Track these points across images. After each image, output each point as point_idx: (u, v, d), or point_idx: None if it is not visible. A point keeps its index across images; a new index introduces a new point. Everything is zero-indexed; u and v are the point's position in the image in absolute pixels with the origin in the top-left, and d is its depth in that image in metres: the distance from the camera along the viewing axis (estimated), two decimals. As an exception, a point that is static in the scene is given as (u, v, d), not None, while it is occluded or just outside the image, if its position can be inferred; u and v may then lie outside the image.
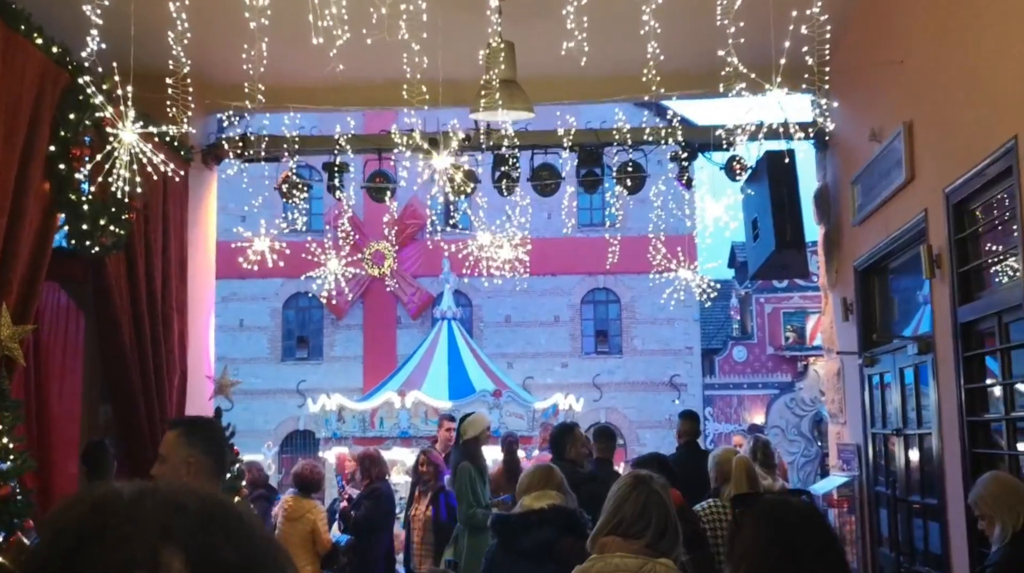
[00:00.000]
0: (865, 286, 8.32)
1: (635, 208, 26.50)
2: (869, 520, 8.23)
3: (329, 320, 26.19)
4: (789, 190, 8.81)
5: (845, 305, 8.58)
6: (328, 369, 25.72)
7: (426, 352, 21.40)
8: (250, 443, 24.70)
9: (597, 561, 3.33)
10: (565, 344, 26.20)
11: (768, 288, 26.23)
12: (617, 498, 3.45)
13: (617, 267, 26.29)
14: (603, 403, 25.73)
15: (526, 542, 4.77)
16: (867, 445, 8.25)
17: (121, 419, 7.91)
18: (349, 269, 18.41)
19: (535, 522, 4.81)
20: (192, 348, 8.92)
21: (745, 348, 26.21)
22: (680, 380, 26.03)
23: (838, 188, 8.94)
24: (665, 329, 26.21)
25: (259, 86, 6.59)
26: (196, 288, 9.14)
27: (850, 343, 8.51)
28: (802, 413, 25.47)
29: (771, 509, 3.08)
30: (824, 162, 9.33)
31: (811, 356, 25.68)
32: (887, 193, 7.30)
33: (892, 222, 7.30)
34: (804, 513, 3.01)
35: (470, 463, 8.42)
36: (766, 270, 9.26)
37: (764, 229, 9.02)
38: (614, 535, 3.35)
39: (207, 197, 9.64)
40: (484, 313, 26.34)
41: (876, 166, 7.59)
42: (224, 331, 25.87)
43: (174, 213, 8.61)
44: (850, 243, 8.58)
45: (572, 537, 4.58)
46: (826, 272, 9.33)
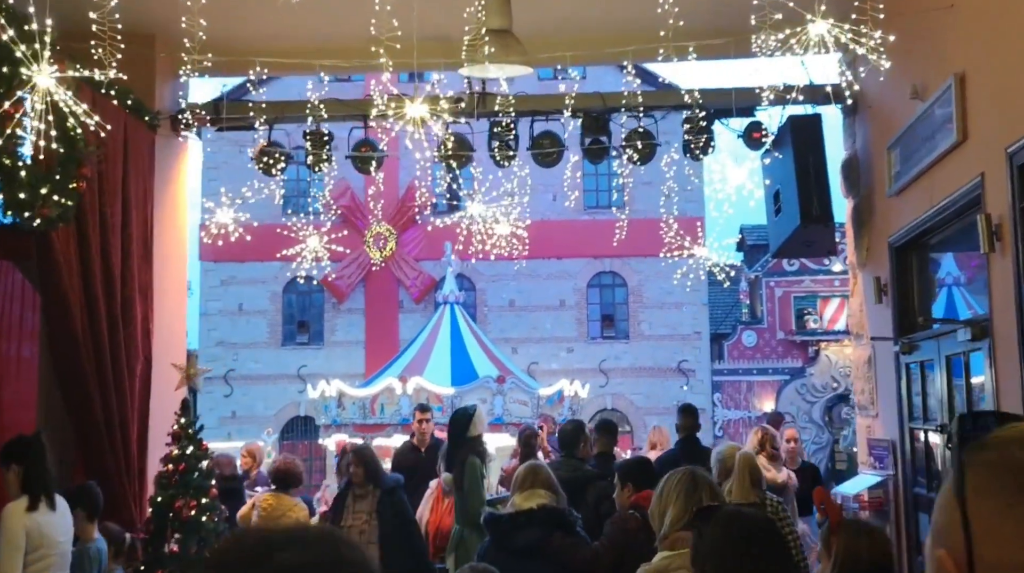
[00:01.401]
0: (902, 264, 7.36)
1: (642, 190, 25.53)
2: (906, 526, 7.29)
3: (330, 304, 25.27)
4: (815, 158, 7.84)
5: (878, 286, 7.61)
6: (329, 354, 24.82)
7: (428, 337, 20.57)
8: (250, 429, 23.89)
9: (675, 558, 3.33)
10: (571, 329, 25.24)
11: (778, 271, 25.23)
12: (684, 494, 3.48)
13: (624, 250, 25.33)
14: (609, 389, 24.80)
15: (517, 541, 4.76)
16: (903, 441, 7.30)
17: (74, 409, 7.01)
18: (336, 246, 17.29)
19: (524, 522, 4.80)
20: (160, 334, 8.00)
21: (755, 333, 25.22)
22: (688, 366, 25.07)
23: (870, 156, 7.96)
24: (673, 313, 25.22)
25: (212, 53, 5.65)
26: (165, 269, 8.21)
27: (884, 328, 7.55)
28: (813, 399, 24.55)
29: (727, 520, 2.98)
30: (853, 128, 8.35)
31: (823, 341, 24.72)
32: (932, 157, 6.33)
33: (938, 190, 6.34)
34: (758, 524, 2.96)
35: (479, 459, 7.54)
36: (789, 247, 8.28)
37: (787, 202, 8.05)
38: (688, 530, 3.30)
39: (178, 169, 8.68)
40: (488, 297, 25.39)
41: (918, 128, 6.62)
42: (223, 315, 25.09)
43: (136, 185, 7.68)
44: (884, 217, 7.61)
45: (560, 534, 4.71)
46: (855, 250, 8.35)
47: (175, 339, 8.46)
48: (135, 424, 7.46)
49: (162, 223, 8.20)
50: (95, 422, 7.02)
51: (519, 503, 4.94)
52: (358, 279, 25.06)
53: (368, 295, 25.18)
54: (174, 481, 7.35)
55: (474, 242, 13.70)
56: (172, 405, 7.50)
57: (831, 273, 24.96)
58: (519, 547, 4.73)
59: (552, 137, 8.45)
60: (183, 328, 8.90)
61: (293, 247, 17.59)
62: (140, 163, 7.75)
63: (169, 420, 7.38)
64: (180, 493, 7.30)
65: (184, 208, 8.65)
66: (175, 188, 8.50)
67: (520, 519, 4.84)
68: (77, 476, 7.12)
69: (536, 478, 5.04)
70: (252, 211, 25.20)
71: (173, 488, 7.33)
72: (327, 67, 7.60)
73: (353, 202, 25.02)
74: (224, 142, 24.24)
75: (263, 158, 8.59)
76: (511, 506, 5.02)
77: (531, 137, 8.48)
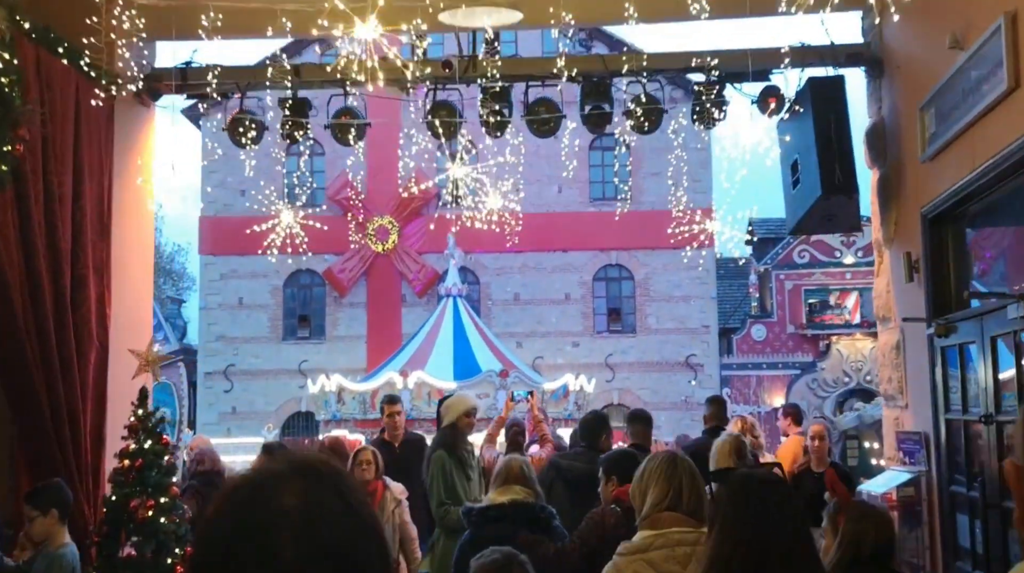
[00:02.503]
0: (936, 237, 6.51)
1: (649, 181, 24.71)
2: (942, 528, 6.44)
3: (332, 298, 24.48)
4: (838, 123, 7.01)
5: (908, 262, 6.77)
6: (331, 349, 24.04)
7: (430, 331, 19.84)
8: (250, 425, 23.12)
9: (657, 537, 3.36)
10: (576, 323, 24.40)
11: (788, 264, 24.35)
12: (664, 475, 3.48)
13: (630, 242, 24.52)
14: (616, 384, 23.94)
15: (488, 535, 4.59)
16: (939, 434, 6.45)
17: (15, 399, 6.22)
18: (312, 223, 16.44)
19: (494, 517, 4.79)
20: (120, 318, 7.20)
21: (764, 326, 24.32)
22: (696, 360, 24.20)
23: (898, 121, 7.12)
24: (681, 307, 24.37)
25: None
26: (126, 247, 7.41)
27: (915, 309, 6.71)
28: (824, 394, 23.65)
29: (739, 479, 2.90)
30: (879, 92, 7.50)
31: (834, 335, 23.83)
32: (976, 112, 5.49)
33: (981, 150, 5.50)
34: (768, 483, 2.85)
35: (446, 452, 6.74)
36: (808, 222, 7.42)
37: (807, 172, 7.22)
38: (670, 511, 3.40)
39: (143, 140, 7.86)
40: (492, 291, 24.56)
41: (958, 81, 5.78)
42: (223, 309, 24.33)
43: (90, 154, 6.88)
44: (916, 185, 6.77)
45: (526, 531, 4.62)
46: (881, 225, 7.50)
47: (139, 325, 7.64)
48: (88, 416, 6.66)
49: (123, 197, 7.40)
50: (40, 415, 6.22)
51: (493, 497, 4.95)
52: (360, 273, 24.29)
53: (370, 289, 24.40)
54: (130, 478, 6.57)
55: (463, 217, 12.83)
56: (130, 393, 6.70)
57: (842, 265, 24.10)
58: (488, 541, 4.45)
59: (548, 104, 7.63)
60: (149, 312, 8.10)
61: (265, 224, 16.70)
62: (95, 130, 6.95)
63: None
64: (136, 492, 6.51)
65: (151, 182, 7.83)
66: (139, 160, 7.68)
67: (491, 513, 4.83)
68: (20, 473, 6.34)
69: (510, 473, 4.99)
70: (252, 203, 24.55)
71: (129, 486, 6.54)
72: (290, 14, 6.75)
73: (354, 194, 24.24)
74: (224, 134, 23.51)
75: (235, 127, 7.77)
76: (486, 500, 5.02)
77: (525, 104, 7.66)
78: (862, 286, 24.03)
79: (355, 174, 24.30)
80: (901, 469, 6.98)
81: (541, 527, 4.78)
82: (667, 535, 3.35)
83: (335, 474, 1.18)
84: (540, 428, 8.41)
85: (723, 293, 26.01)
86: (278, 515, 1.10)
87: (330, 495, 1.15)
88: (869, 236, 24.09)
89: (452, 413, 6.87)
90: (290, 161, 24.74)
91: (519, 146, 8.66)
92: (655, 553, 3.35)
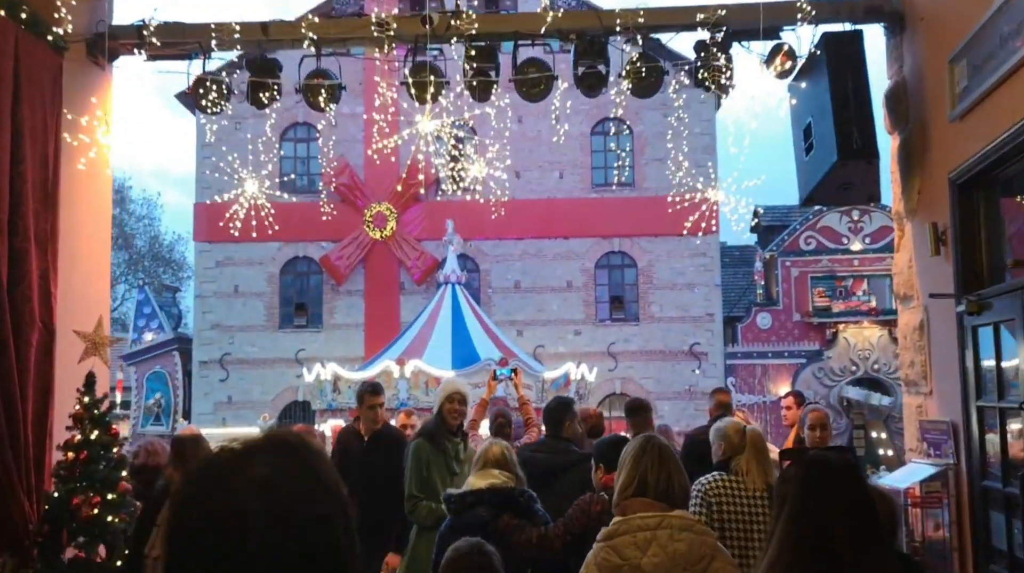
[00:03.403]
0: (966, 205, 5.79)
1: (653, 167, 23.95)
2: (972, 525, 5.73)
3: (329, 286, 23.77)
4: (856, 81, 6.28)
5: (935, 234, 6.04)
6: (328, 337, 23.35)
7: (428, 319, 19.20)
8: (247, 415, 22.48)
9: (622, 524, 3.37)
10: (578, 311, 23.66)
11: (794, 251, 23.59)
12: (632, 461, 3.48)
13: (633, 229, 23.78)
14: (618, 373, 23.23)
15: (467, 520, 4.58)
16: (969, 423, 5.74)
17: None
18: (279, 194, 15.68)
19: (472, 501, 4.67)
20: (69, 297, 6.51)
21: (770, 315, 23.57)
22: (700, 349, 23.46)
23: (923, 78, 6.39)
24: (685, 294, 23.63)
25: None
26: (77, 219, 6.71)
27: (942, 284, 5.99)
28: (831, 383, 22.92)
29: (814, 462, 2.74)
30: (900, 49, 6.77)
31: (841, 323, 23.08)
32: (1016, 60, 4.78)
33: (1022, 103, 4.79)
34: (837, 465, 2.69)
35: (427, 441, 6.05)
36: (822, 192, 6.67)
37: (821, 137, 6.49)
38: (637, 497, 3.40)
39: (99, 104, 7.13)
40: (492, 278, 23.83)
41: (995, 25, 5.06)
42: (219, 297, 23.64)
43: (32, 116, 6.17)
44: (943, 148, 6.04)
45: (508, 515, 4.56)
46: (902, 195, 6.77)
47: (94, 304, 6.94)
48: (29, 404, 5.97)
49: (75, 164, 6.70)
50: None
51: (472, 482, 4.79)
52: (357, 260, 23.59)
53: (368, 276, 23.70)
54: (75, 473, 5.90)
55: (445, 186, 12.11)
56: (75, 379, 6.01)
57: (850, 252, 23.34)
58: (467, 526, 4.52)
59: (538, 64, 6.90)
60: (105, 291, 7.39)
61: (229, 193, 16.01)
62: (38, 90, 6.25)
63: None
64: (81, 487, 5.84)
65: (107, 150, 7.11)
66: (94, 126, 6.96)
67: (469, 498, 4.68)
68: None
69: (488, 458, 4.83)
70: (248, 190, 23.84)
71: (73, 481, 5.88)
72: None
73: (352, 180, 23.54)
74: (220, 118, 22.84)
75: (198, 91, 7.06)
76: (466, 485, 4.84)
77: (514, 66, 6.94)
78: (869, 273, 23.29)
79: (353, 160, 23.64)
80: (925, 462, 6.27)
81: (521, 511, 4.63)
82: (629, 521, 3.33)
83: (303, 446, 1.27)
84: (525, 410, 7.70)
85: (728, 281, 25.27)
86: (249, 482, 1.19)
87: (298, 465, 1.23)
88: (879, 222, 23.32)
89: (437, 400, 6.18)
90: (285, 145, 24.07)
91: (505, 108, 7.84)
92: (619, 539, 3.34)
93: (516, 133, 23.88)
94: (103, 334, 6.33)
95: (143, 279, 29.96)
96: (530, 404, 7.79)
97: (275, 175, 23.81)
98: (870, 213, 23.37)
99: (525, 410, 7.62)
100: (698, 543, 3.30)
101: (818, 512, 2.58)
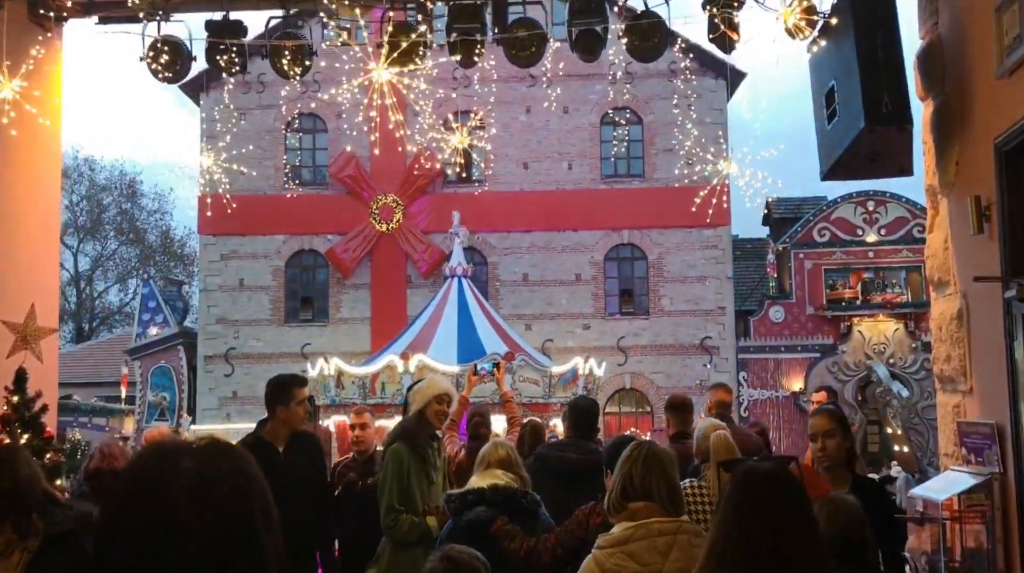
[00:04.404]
0: (1015, 174, 4.94)
1: (663, 156, 23.09)
2: (1021, 544, 4.88)
3: (335, 279, 23.03)
4: (886, 36, 5.45)
5: (977, 208, 5.19)
6: (334, 331, 22.63)
7: (434, 312, 18.47)
8: (252, 410, 21.73)
9: (638, 529, 3.20)
10: (587, 304, 22.84)
11: (808, 243, 22.68)
12: (620, 466, 3.35)
13: (643, 221, 22.92)
14: (628, 368, 22.40)
15: (465, 520, 4.33)
16: (1019, 426, 4.89)
17: None
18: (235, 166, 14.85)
19: (472, 501, 4.37)
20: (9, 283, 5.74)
21: (783, 308, 22.67)
22: (712, 343, 22.60)
23: (963, 31, 5.54)
24: (696, 288, 22.76)
25: None
26: (16, 198, 5.94)
27: (985, 266, 5.14)
28: (846, 378, 22.02)
29: (745, 473, 2.64)
30: (935, 2, 5.90)
31: (855, 316, 22.15)
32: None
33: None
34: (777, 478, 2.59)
35: (407, 446, 5.24)
36: (847, 163, 5.81)
37: (846, 101, 5.66)
38: (645, 501, 3.25)
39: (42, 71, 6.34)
40: (500, 271, 23.02)
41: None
42: (224, 291, 22.95)
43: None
44: (987, 111, 5.19)
45: (503, 519, 4.31)
46: (936, 166, 5.91)
47: (38, 292, 6.15)
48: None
49: (15, 136, 5.92)
50: None
51: (474, 482, 4.51)
52: (363, 253, 22.82)
53: (374, 270, 22.95)
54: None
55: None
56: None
57: (864, 244, 22.40)
58: (464, 526, 4.36)
59: (529, 24, 6.08)
60: (53, 276, 6.60)
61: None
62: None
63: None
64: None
65: (57, 121, 6.32)
66: (38, 95, 6.17)
67: (469, 497, 4.41)
68: None
69: (492, 457, 4.53)
70: (253, 181, 23.18)
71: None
72: None
73: (358, 172, 22.77)
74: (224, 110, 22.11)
75: (152, 55, 6.25)
76: (469, 484, 4.56)
77: (503, 25, 6.11)
78: (885, 265, 22.36)
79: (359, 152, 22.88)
80: (964, 470, 5.42)
81: (524, 514, 4.33)
82: (648, 525, 3.20)
83: (228, 447, 1.38)
84: (509, 408, 6.90)
85: (740, 274, 24.40)
86: (176, 474, 1.29)
87: (222, 459, 1.35)
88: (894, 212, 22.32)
89: (420, 398, 5.39)
90: (290, 138, 23.34)
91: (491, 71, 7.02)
92: (635, 545, 3.18)
93: (524, 124, 23.09)
94: (36, 325, 5.56)
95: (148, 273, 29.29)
96: (514, 401, 7.02)
97: (280, 167, 23.15)
98: (886, 204, 22.44)
99: (509, 408, 6.84)
100: None
101: (741, 525, 2.43)
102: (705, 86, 22.45)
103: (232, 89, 21.64)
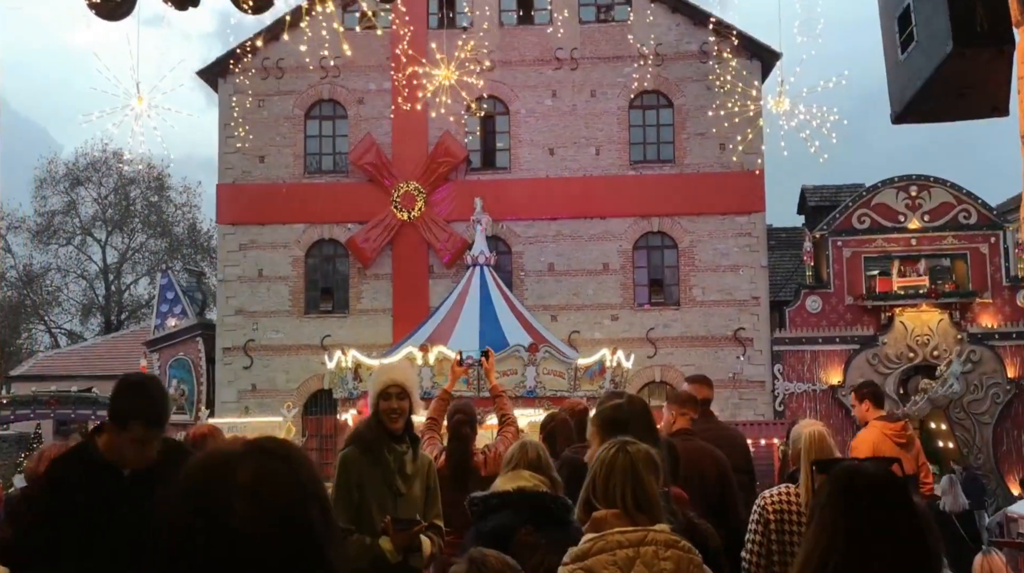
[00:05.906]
0: None
1: (695, 141, 21.84)
2: None
3: (355, 270, 22.04)
4: (978, -58, 4.21)
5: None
6: (355, 323, 21.65)
7: (455, 303, 17.53)
8: (271, 403, 20.82)
9: (597, 541, 2.96)
10: (615, 294, 21.64)
11: (847, 230, 21.32)
12: (604, 468, 3.07)
13: (674, 208, 21.69)
14: (658, 360, 21.19)
15: (488, 524, 3.90)
16: None
17: None
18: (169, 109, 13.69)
19: (496, 505, 3.95)
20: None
21: (820, 298, 21.32)
22: (745, 334, 21.33)
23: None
24: (728, 277, 21.50)
25: None
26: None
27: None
28: (887, 370, 20.63)
29: (841, 476, 2.40)
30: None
31: (897, 306, 20.76)
32: None
33: None
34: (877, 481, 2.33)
35: (358, 451, 4.24)
36: (928, 99, 4.59)
37: (926, 22, 4.46)
38: (611, 509, 3.00)
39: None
40: (524, 261, 21.90)
41: None
42: (242, 282, 22.04)
43: None
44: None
45: (527, 529, 3.81)
46: (1036, 110, 4.68)
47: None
48: None
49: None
50: None
51: (499, 484, 4.05)
52: (384, 242, 21.81)
53: (396, 259, 21.93)
54: None
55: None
56: None
57: (907, 231, 20.99)
58: (486, 531, 3.89)
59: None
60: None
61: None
62: None
63: None
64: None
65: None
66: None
67: (493, 501, 3.95)
68: None
69: (523, 458, 4.05)
70: (272, 169, 22.24)
71: None
72: None
73: (379, 158, 21.75)
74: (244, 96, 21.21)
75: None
76: (493, 487, 4.09)
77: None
78: (929, 253, 20.95)
79: (380, 139, 21.88)
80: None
81: (553, 521, 3.83)
82: (606, 537, 2.94)
83: (283, 449, 1.32)
84: (500, 403, 5.81)
85: (775, 264, 23.12)
86: (232, 488, 1.24)
87: (279, 468, 1.28)
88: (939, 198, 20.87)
89: (371, 395, 4.33)
90: (310, 125, 22.39)
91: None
92: (594, 560, 2.92)
93: (550, 108, 21.97)
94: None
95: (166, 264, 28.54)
96: (505, 396, 5.92)
97: (300, 155, 22.21)
98: (929, 188, 21.04)
99: (500, 403, 5.74)
100: (686, 562, 2.97)
101: (845, 534, 2.20)
102: (739, 67, 21.17)
103: (252, 74, 20.76)
